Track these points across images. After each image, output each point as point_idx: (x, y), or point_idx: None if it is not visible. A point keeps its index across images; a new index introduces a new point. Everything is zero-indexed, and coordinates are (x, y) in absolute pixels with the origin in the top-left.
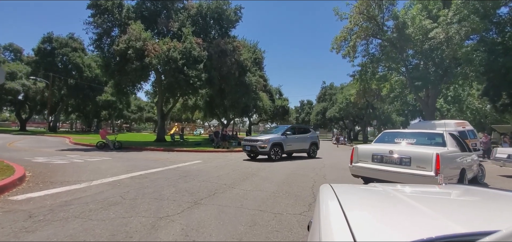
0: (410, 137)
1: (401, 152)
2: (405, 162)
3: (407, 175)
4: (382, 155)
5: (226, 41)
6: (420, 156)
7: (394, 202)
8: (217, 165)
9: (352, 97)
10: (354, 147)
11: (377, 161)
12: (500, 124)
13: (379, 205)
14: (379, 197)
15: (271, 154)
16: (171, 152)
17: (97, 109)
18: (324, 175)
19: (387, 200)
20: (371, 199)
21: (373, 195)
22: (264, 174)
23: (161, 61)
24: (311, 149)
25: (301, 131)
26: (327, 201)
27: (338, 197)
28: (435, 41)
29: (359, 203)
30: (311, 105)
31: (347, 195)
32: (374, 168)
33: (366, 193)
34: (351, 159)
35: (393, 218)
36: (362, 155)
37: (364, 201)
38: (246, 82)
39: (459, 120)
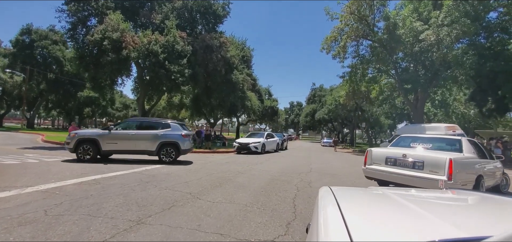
0: (426, 142)
1: (414, 156)
2: (418, 166)
3: (420, 179)
4: (395, 158)
5: (212, 36)
6: (433, 161)
7: (393, 206)
8: (192, 168)
9: (341, 99)
10: (368, 150)
11: (390, 164)
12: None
13: (377, 208)
14: (378, 200)
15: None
16: None
17: (79, 105)
18: (310, 182)
19: (386, 203)
20: (370, 202)
21: (373, 198)
22: (242, 179)
23: (141, 55)
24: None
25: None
26: (326, 203)
27: (337, 200)
28: (425, 43)
29: (358, 206)
30: (301, 106)
31: (346, 197)
32: (388, 171)
33: (366, 196)
34: (365, 162)
35: (390, 221)
36: (376, 158)
37: (363, 204)
38: (233, 80)
39: (450, 124)
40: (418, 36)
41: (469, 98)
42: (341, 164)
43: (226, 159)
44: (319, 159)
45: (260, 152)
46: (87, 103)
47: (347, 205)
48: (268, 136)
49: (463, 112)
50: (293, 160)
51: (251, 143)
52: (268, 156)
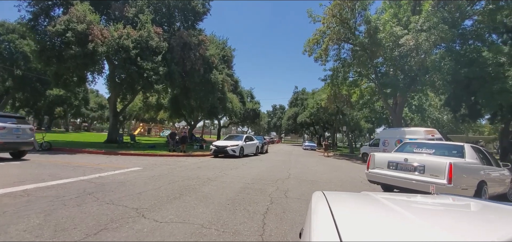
0: (429, 148)
1: (415, 160)
2: (419, 170)
3: (421, 183)
4: (397, 163)
5: (190, 33)
6: (434, 165)
7: (384, 210)
8: (156, 174)
9: (323, 102)
10: (371, 154)
11: (392, 168)
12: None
13: (368, 212)
14: (369, 205)
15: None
16: (113, 156)
17: (50, 105)
18: (287, 191)
19: (377, 207)
20: (361, 206)
21: (364, 202)
22: (209, 188)
23: (110, 50)
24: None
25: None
26: (318, 208)
27: (329, 204)
28: (404, 48)
29: (349, 210)
30: (283, 110)
31: (339, 202)
32: (390, 175)
33: (357, 200)
34: (368, 166)
35: (380, 224)
36: (379, 162)
37: (354, 208)
38: (212, 80)
39: (429, 128)
40: (397, 41)
41: (444, 104)
42: (322, 169)
43: (199, 163)
44: (299, 164)
45: (238, 155)
46: (58, 102)
47: (338, 209)
48: (247, 139)
49: (438, 117)
50: (272, 165)
51: (229, 146)
52: (246, 160)
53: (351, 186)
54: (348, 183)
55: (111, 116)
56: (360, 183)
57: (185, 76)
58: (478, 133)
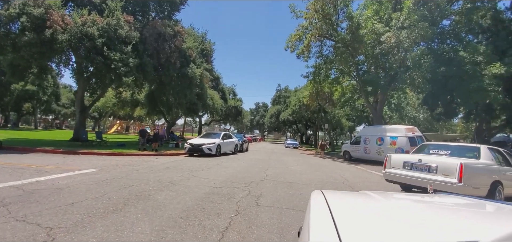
0: (446, 149)
1: (429, 161)
2: (432, 170)
3: (433, 182)
4: (412, 163)
5: (164, 23)
6: (446, 165)
7: (382, 209)
8: (110, 177)
9: (305, 99)
10: (388, 155)
11: (408, 168)
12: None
13: (367, 212)
14: (368, 204)
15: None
16: (72, 155)
17: (17, 100)
18: (259, 197)
19: (376, 206)
20: (360, 205)
21: (363, 201)
22: (166, 195)
23: (73, 37)
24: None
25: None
26: (317, 206)
27: (328, 203)
28: (386, 45)
29: (349, 209)
30: (266, 107)
31: (337, 201)
32: (405, 174)
33: (357, 199)
34: (385, 166)
35: (378, 223)
36: (395, 162)
37: (353, 207)
38: (189, 74)
39: (409, 126)
40: (379, 38)
41: (422, 102)
42: (302, 168)
43: (169, 163)
44: (278, 163)
45: (215, 154)
46: (25, 97)
47: (337, 208)
48: (225, 136)
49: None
50: (248, 164)
51: (205, 145)
52: (223, 159)
53: (332, 187)
54: (330, 184)
55: (77, 112)
56: (342, 184)
57: (161, 69)
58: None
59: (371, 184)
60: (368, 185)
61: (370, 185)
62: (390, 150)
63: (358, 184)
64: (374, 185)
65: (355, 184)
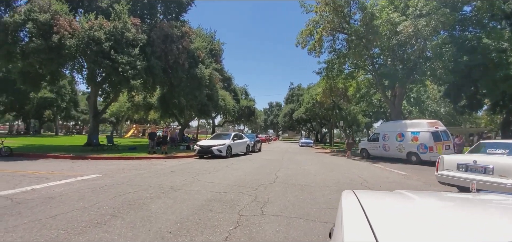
0: (504, 148)
1: (484, 162)
2: (488, 172)
3: (489, 184)
4: (466, 164)
5: (171, 25)
6: (502, 166)
7: (422, 209)
8: (110, 183)
9: (318, 97)
10: (440, 157)
11: (462, 170)
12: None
13: (404, 211)
14: (403, 204)
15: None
16: (80, 160)
17: (38, 108)
18: (266, 203)
19: (412, 206)
20: (396, 205)
21: (398, 201)
22: (161, 204)
23: (80, 42)
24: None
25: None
26: (349, 206)
27: (361, 203)
28: (403, 36)
29: (383, 208)
30: (280, 107)
31: (371, 200)
32: (459, 176)
33: (391, 199)
34: (437, 168)
35: (415, 225)
36: (448, 164)
37: (388, 206)
38: (198, 75)
39: (432, 120)
40: (395, 28)
41: (444, 95)
42: (316, 168)
43: (176, 166)
44: (291, 163)
45: (225, 155)
46: (44, 105)
47: (371, 207)
48: (236, 137)
49: (436, 109)
50: (259, 165)
51: (214, 146)
52: (233, 160)
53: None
54: (347, 185)
55: (90, 117)
56: (361, 185)
57: (170, 71)
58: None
59: (393, 185)
60: (389, 186)
61: (392, 186)
62: (411, 146)
63: (378, 185)
64: (396, 185)
65: (375, 185)
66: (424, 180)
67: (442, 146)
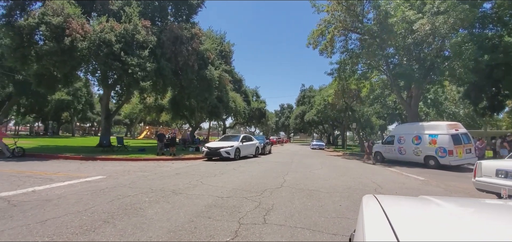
0: None
1: None
2: None
3: None
4: (506, 171)
5: (181, 26)
6: None
7: (448, 215)
8: (111, 185)
9: (330, 98)
10: (478, 162)
11: (501, 176)
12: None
13: (430, 217)
14: (431, 210)
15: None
16: (89, 161)
17: (57, 110)
18: (269, 211)
19: (440, 212)
20: (420, 211)
21: (424, 207)
22: (158, 209)
23: (92, 45)
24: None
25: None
26: (371, 211)
27: (383, 208)
28: (419, 34)
29: (407, 214)
30: (291, 109)
31: (393, 205)
32: (498, 183)
33: (414, 204)
34: (475, 174)
35: (442, 231)
36: (486, 170)
37: (412, 212)
38: (207, 77)
39: (452, 122)
40: (411, 27)
41: (463, 96)
42: (326, 172)
43: (182, 168)
44: (301, 166)
45: (234, 158)
46: (62, 107)
47: (394, 212)
48: (245, 139)
49: (454, 111)
50: (267, 168)
51: (223, 148)
52: (242, 163)
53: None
54: (359, 191)
55: (102, 119)
56: (374, 192)
57: (180, 73)
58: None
59: (410, 191)
60: (406, 193)
61: (409, 193)
62: (429, 149)
63: (394, 191)
64: (413, 192)
65: (391, 192)
66: (444, 186)
67: (462, 150)
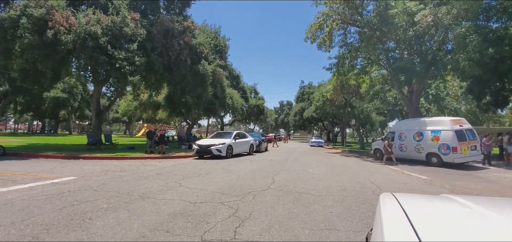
0: None
1: None
2: None
3: None
4: None
5: (173, 19)
6: None
7: (471, 215)
8: (78, 187)
9: (328, 94)
10: None
11: None
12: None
13: (453, 218)
14: (453, 209)
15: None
16: (71, 160)
17: (54, 108)
18: (245, 220)
19: (463, 212)
20: (442, 210)
21: (447, 207)
22: (107, 221)
23: (77, 38)
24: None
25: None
26: (390, 210)
27: (402, 206)
28: (421, 26)
29: (429, 214)
30: (290, 106)
31: (413, 205)
32: None
33: (437, 204)
34: None
35: (466, 232)
36: None
37: (434, 212)
38: (200, 72)
39: (456, 118)
40: (412, 19)
41: (467, 91)
42: (321, 171)
43: (168, 168)
44: (295, 164)
45: (226, 156)
46: (58, 104)
47: (414, 212)
48: (238, 136)
49: (456, 107)
50: (259, 167)
51: (214, 146)
52: (233, 161)
53: (357, 202)
54: (355, 194)
55: (93, 116)
56: (372, 194)
57: (174, 67)
58: (499, 123)
59: (411, 191)
60: None
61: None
62: (431, 146)
63: (394, 192)
64: (416, 192)
65: None
66: (449, 186)
67: (467, 147)
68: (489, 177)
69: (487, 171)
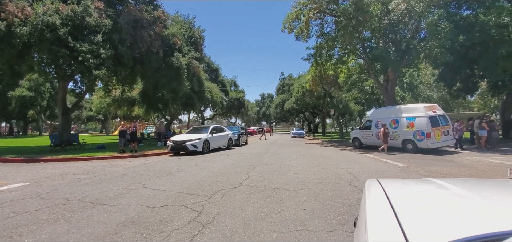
0: None
1: None
2: None
3: None
4: None
5: (141, 9)
6: None
7: (453, 198)
8: (19, 197)
9: (307, 85)
10: None
11: None
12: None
13: (435, 202)
14: (436, 193)
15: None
16: (31, 163)
17: (22, 108)
18: (208, 224)
19: (445, 195)
20: (425, 195)
21: (429, 190)
22: (40, 237)
23: (34, 30)
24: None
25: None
26: (373, 199)
27: (386, 194)
28: (395, 14)
29: (412, 200)
30: (272, 98)
31: (397, 191)
32: None
33: (420, 188)
34: None
35: (448, 215)
36: None
37: (416, 197)
38: (174, 64)
39: (429, 104)
40: (386, 7)
41: (438, 78)
42: (299, 163)
43: (134, 168)
44: (273, 157)
45: (202, 151)
46: (25, 104)
47: (398, 199)
48: (215, 130)
49: (429, 95)
50: (234, 161)
51: (189, 141)
52: (208, 157)
53: (333, 195)
54: (331, 186)
55: (59, 115)
56: (349, 185)
57: (145, 60)
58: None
59: None
60: None
61: None
62: (407, 133)
63: None
64: None
65: None
66: (425, 172)
67: (440, 132)
68: (462, 161)
69: (459, 155)
